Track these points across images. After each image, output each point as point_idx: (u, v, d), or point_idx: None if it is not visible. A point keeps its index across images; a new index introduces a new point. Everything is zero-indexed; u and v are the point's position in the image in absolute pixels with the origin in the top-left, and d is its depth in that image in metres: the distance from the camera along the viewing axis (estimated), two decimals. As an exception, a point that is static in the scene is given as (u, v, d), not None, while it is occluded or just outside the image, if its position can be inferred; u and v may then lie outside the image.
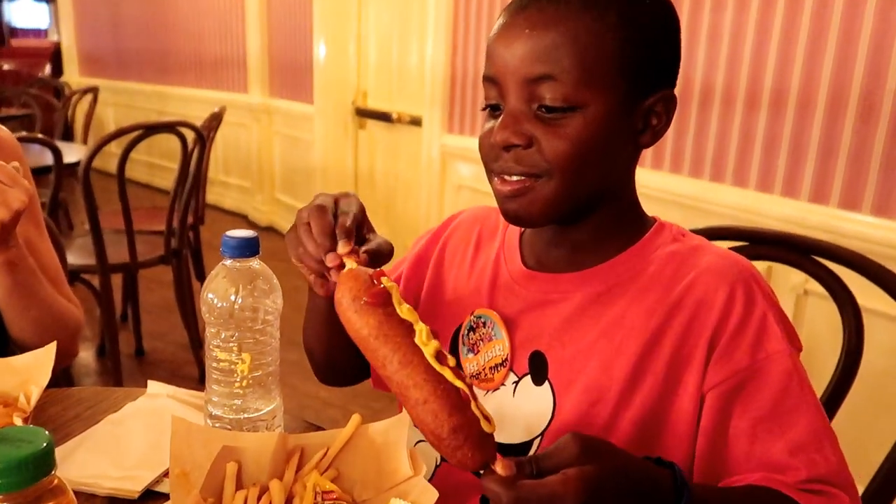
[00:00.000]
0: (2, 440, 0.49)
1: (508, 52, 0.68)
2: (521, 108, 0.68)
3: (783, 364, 0.68)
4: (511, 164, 0.69)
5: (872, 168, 1.69)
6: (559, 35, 0.66)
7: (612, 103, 0.68)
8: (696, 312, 0.69)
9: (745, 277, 0.70)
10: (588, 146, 0.68)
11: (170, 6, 5.44)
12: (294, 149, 4.42)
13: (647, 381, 0.70)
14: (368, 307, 0.58)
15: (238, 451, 0.64)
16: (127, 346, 2.78)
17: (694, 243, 0.75)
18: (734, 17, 1.95)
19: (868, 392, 1.19)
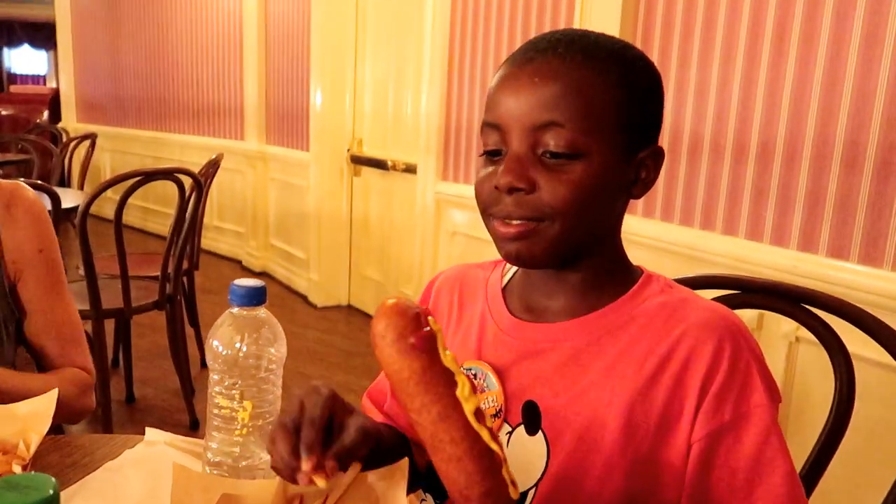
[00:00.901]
0: (9, 487, 0.50)
1: (514, 99, 0.71)
2: (525, 154, 0.71)
3: (764, 418, 0.70)
4: (512, 208, 0.71)
5: (858, 217, 1.73)
6: (565, 86, 0.70)
7: (611, 153, 0.72)
8: (686, 365, 0.70)
9: (732, 332, 0.72)
10: (589, 193, 0.70)
11: (168, 54, 5.55)
12: (289, 195, 4.46)
13: (639, 432, 0.71)
14: (413, 350, 0.56)
15: (238, 498, 0.64)
16: (118, 392, 2.76)
17: (682, 295, 0.77)
18: (720, 72, 2.02)
19: (861, 441, 1.20)
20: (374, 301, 3.91)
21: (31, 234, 1.11)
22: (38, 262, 1.11)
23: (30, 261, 1.10)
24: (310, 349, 3.42)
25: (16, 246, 1.10)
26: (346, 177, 4.08)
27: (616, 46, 0.74)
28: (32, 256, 1.11)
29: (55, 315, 1.12)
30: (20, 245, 1.10)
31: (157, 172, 2.55)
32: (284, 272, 4.51)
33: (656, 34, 2.19)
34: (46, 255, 1.13)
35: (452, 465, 0.55)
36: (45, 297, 1.12)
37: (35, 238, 1.12)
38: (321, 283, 4.10)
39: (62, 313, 1.14)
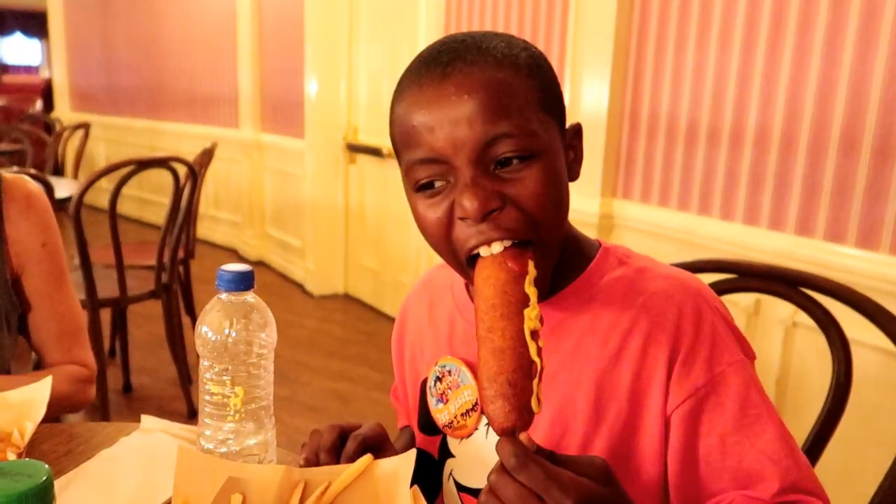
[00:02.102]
0: (2, 474, 0.49)
1: (451, 122, 0.65)
2: (481, 174, 0.66)
3: (740, 375, 0.69)
4: (493, 231, 0.66)
5: (855, 201, 1.72)
6: (496, 92, 0.65)
7: (555, 145, 0.69)
8: (649, 336, 0.70)
9: (692, 295, 0.71)
10: (555, 187, 0.68)
11: (162, 42, 5.50)
12: (285, 184, 4.44)
13: (611, 408, 0.71)
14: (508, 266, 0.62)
15: (243, 482, 0.64)
16: (115, 381, 2.75)
17: (640, 265, 0.76)
18: (717, 57, 2.00)
19: (857, 424, 1.20)
20: (370, 290, 3.91)
21: (34, 229, 1.11)
22: (42, 257, 1.11)
23: (33, 255, 1.10)
24: (306, 338, 3.42)
25: (20, 240, 1.10)
26: (341, 165, 4.06)
27: (506, 39, 0.70)
28: (36, 250, 1.11)
29: (57, 309, 1.12)
30: (24, 239, 1.10)
31: (152, 161, 2.53)
32: (281, 261, 4.50)
33: (653, 19, 2.18)
34: (50, 249, 1.13)
35: (493, 351, 0.59)
36: (47, 291, 1.12)
37: (39, 232, 1.12)
38: (317, 272, 4.10)
39: (64, 307, 1.14)
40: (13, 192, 1.11)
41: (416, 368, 0.87)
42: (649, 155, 2.23)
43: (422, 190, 0.69)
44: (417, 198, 0.70)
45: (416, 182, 0.69)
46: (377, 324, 3.69)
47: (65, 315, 1.14)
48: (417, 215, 0.71)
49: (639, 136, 2.26)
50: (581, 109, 2.37)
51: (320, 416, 2.66)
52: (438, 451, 0.81)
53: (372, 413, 2.71)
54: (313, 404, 2.76)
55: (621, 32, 2.24)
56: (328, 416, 2.68)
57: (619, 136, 2.31)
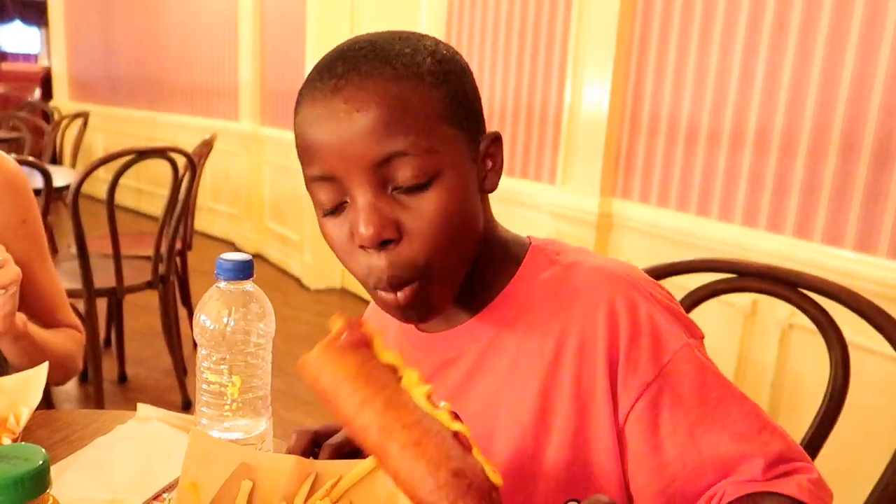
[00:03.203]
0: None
1: (339, 140, 0.61)
2: (376, 197, 0.62)
3: (690, 360, 0.64)
4: (391, 272, 0.64)
5: (854, 204, 1.72)
6: (391, 107, 0.61)
7: (459, 160, 0.65)
8: (583, 338, 0.65)
9: (622, 286, 0.66)
10: (457, 213, 0.64)
11: (163, 34, 5.49)
12: (284, 177, 4.43)
13: (557, 420, 0.66)
14: (348, 347, 0.51)
15: (254, 469, 0.63)
16: (110, 371, 2.75)
17: (569, 261, 0.71)
18: (719, 59, 2.00)
19: (853, 427, 1.20)
20: (367, 284, 3.90)
21: (13, 205, 1.10)
22: (23, 234, 1.10)
23: (14, 231, 1.09)
24: (303, 332, 3.41)
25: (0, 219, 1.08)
26: (340, 159, 4.05)
27: (412, 44, 0.65)
28: (16, 227, 1.09)
29: (42, 282, 1.11)
30: (4, 216, 1.08)
31: (150, 151, 2.52)
32: (278, 254, 4.50)
33: (655, 20, 2.17)
34: (29, 225, 1.11)
35: (409, 454, 0.47)
36: (30, 267, 1.10)
37: (18, 209, 1.10)
38: (315, 266, 4.09)
39: (48, 280, 1.14)
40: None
41: None
42: (649, 155, 2.23)
43: (324, 209, 0.66)
44: (322, 219, 0.68)
45: (317, 204, 0.66)
46: (373, 319, 3.68)
47: (48, 288, 1.13)
48: (325, 235, 0.68)
49: (639, 135, 2.26)
50: (581, 109, 2.36)
51: (315, 410, 2.66)
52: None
53: (367, 408, 2.71)
54: (309, 398, 2.76)
55: (624, 32, 2.24)
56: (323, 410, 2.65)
57: (619, 136, 2.31)
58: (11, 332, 0.96)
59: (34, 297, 1.12)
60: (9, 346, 0.99)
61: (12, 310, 0.94)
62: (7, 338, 0.97)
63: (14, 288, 0.92)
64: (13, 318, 0.95)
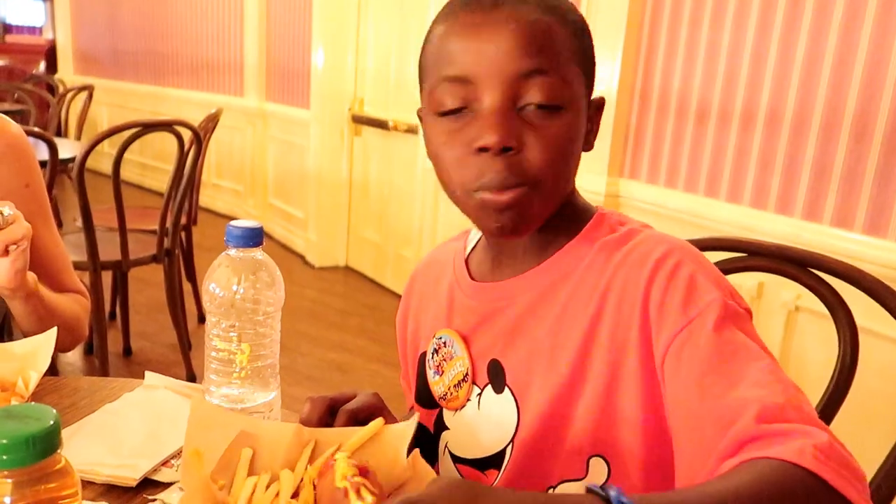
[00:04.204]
0: (9, 416, 0.49)
1: (488, 47, 0.64)
2: (506, 106, 0.65)
3: (718, 312, 0.62)
4: (507, 173, 0.65)
5: (865, 187, 1.71)
6: (542, 31, 0.65)
7: (580, 105, 0.68)
8: (624, 292, 0.67)
9: (671, 250, 0.67)
10: (569, 150, 0.68)
11: (168, 7, 5.44)
12: (288, 154, 4.42)
13: (593, 370, 0.68)
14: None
15: (255, 437, 0.64)
16: (115, 344, 2.76)
17: (629, 229, 0.72)
18: (732, 37, 1.98)
19: (857, 412, 1.20)
20: (371, 262, 3.91)
21: (16, 170, 1.09)
22: (27, 197, 1.09)
23: (18, 196, 1.08)
24: (307, 308, 3.42)
25: (2, 181, 1.08)
26: (346, 136, 4.03)
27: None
28: (20, 191, 1.09)
29: (46, 246, 1.11)
30: (7, 181, 1.08)
31: (156, 124, 2.51)
32: (283, 231, 4.49)
33: (668, -4, 2.15)
34: (33, 189, 1.11)
35: None
36: (35, 231, 1.10)
37: (21, 173, 1.10)
38: (319, 244, 4.09)
39: (52, 244, 1.13)
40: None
41: (416, 343, 0.86)
42: (658, 135, 2.22)
43: (442, 115, 0.68)
44: (436, 122, 0.68)
45: (438, 105, 0.67)
46: (378, 296, 3.69)
47: (53, 252, 1.13)
48: (433, 142, 0.69)
49: (648, 115, 2.24)
50: (591, 86, 2.34)
51: (319, 385, 2.67)
52: (434, 425, 0.81)
53: (370, 384, 2.73)
54: (312, 374, 2.77)
55: (635, 8, 2.21)
56: (327, 385, 2.69)
57: (629, 115, 2.29)
58: (23, 290, 0.95)
59: (39, 261, 1.11)
60: (20, 305, 0.99)
61: (24, 266, 0.93)
62: (19, 295, 0.96)
63: (25, 243, 0.91)
64: (24, 275, 0.94)
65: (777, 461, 0.49)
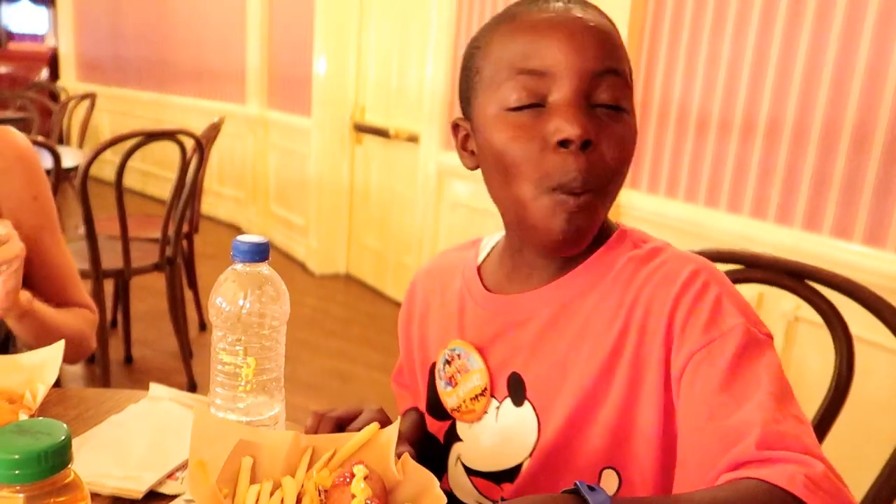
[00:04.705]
0: (21, 432, 0.50)
1: (570, 43, 0.65)
2: (581, 102, 0.65)
3: (739, 338, 0.63)
4: (589, 171, 0.64)
5: (864, 198, 1.72)
6: (612, 36, 0.68)
7: (634, 110, 0.70)
8: (650, 310, 0.67)
9: (698, 271, 0.67)
10: (632, 151, 0.69)
11: (170, 15, 5.47)
12: (290, 161, 4.43)
13: (615, 385, 0.69)
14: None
15: (254, 446, 0.65)
16: (116, 352, 2.77)
17: (653, 246, 0.73)
18: (732, 48, 1.99)
19: (855, 421, 1.21)
20: (372, 270, 3.92)
21: (24, 182, 1.10)
22: (34, 210, 1.10)
23: (26, 208, 1.09)
24: (307, 316, 3.43)
25: (11, 194, 1.08)
26: (347, 144, 4.05)
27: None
28: (28, 204, 1.10)
29: (54, 260, 1.12)
30: (16, 193, 1.09)
31: (159, 133, 2.53)
32: (283, 239, 4.51)
33: (668, 6, 2.16)
34: (41, 202, 1.12)
35: None
36: (42, 243, 1.11)
37: (29, 185, 1.11)
38: (320, 251, 4.10)
39: (60, 257, 1.14)
40: (1, 147, 1.09)
41: (424, 351, 0.86)
42: (658, 145, 2.23)
43: (512, 111, 0.67)
44: (502, 119, 0.67)
45: (507, 101, 0.67)
46: (378, 304, 3.70)
47: (61, 265, 1.14)
48: (497, 140, 0.68)
49: (648, 125, 2.25)
50: (591, 97, 2.36)
51: (319, 394, 2.68)
52: (445, 436, 0.81)
53: (371, 392, 2.73)
54: (312, 382, 2.78)
55: (636, 19, 2.23)
56: (327, 394, 2.70)
57: (629, 125, 2.31)
58: (15, 310, 0.95)
59: (45, 275, 1.12)
60: (14, 324, 0.99)
61: (15, 286, 0.92)
62: (12, 315, 0.96)
63: (17, 263, 0.91)
64: (16, 295, 0.93)
65: (766, 483, 0.51)
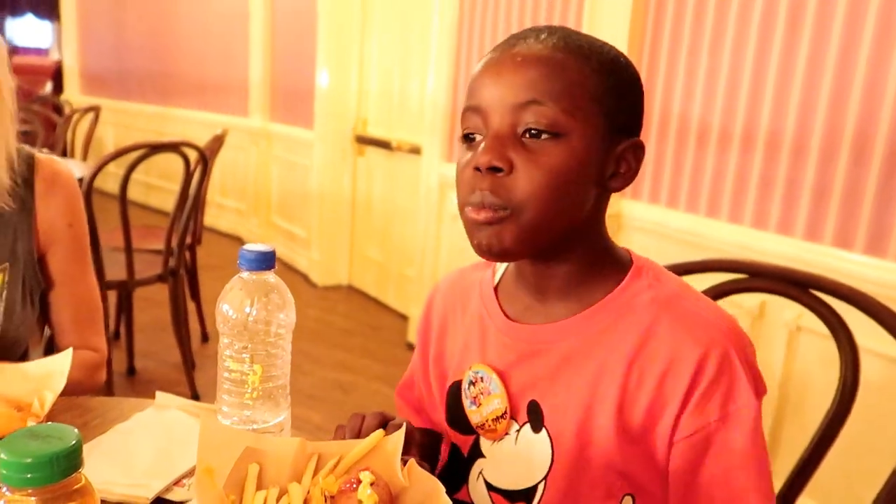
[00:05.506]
0: (32, 436, 0.51)
1: (496, 80, 0.71)
2: (504, 133, 0.70)
3: (750, 419, 0.71)
4: (488, 194, 0.69)
5: (865, 207, 1.73)
6: (547, 67, 0.70)
7: (592, 138, 0.70)
8: (670, 369, 0.71)
9: (719, 341, 0.71)
10: (565, 177, 0.69)
11: (174, 28, 5.51)
12: (292, 173, 4.45)
13: (628, 426, 0.72)
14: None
15: (260, 453, 0.65)
16: (119, 364, 2.77)
17: (671, 289, 0.75)
18: (731, 60, 2.01)
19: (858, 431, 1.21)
20: (374, 281, 3.92)
21: (63, 209, 1.13)
22: (67, 237, 1.13)
23: (59, 234, 1.12)
24: (310, 328, 3.43)
25: (48, 218, 1.12)
26: (349, 156, 4.07)
27: (597, 42, 0.74)
28: (62, 230, 1.13)
29: (78, 291, 1.14)
30: (52, 217, 1.12)
31: (163, 145, 2.54)
32: (285, 251, 4.52)
33: (667, 20, 2.18)
34: (76, 230, 1.15)
35: None
36: (69, 272, 1.14)
37: (67, 212, 1.14)
38: (322, 263, 4.11)
39: (84, 290, 1.16)
40: (44, 171, 1.13)
41: (440, 366, 0.88)
42: (659, 156, 2.24)
43: (463, 141, 0.74)
44: (460, 151, 0.75)
45: (464, 130, 0.74)
46: (381, 316, 3.70)
47: (84, 298, 1.15)
48: (457, 166, 0.75)
49: (649, 136, 2.26)
50: (593, 108, 2.37)
51: (321, 405, 2.68)
52: (469, 450, 0.82)
53: (372, 403, 2.73)
54: (314, 393, 2.77)
55: (636, 32, 2.25)
56: (329, 405, 2.69)
57: (630, 136, 2.32)
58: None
59: (66, 306, 1.14)
60: None
61: None
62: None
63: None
64: None
65: None
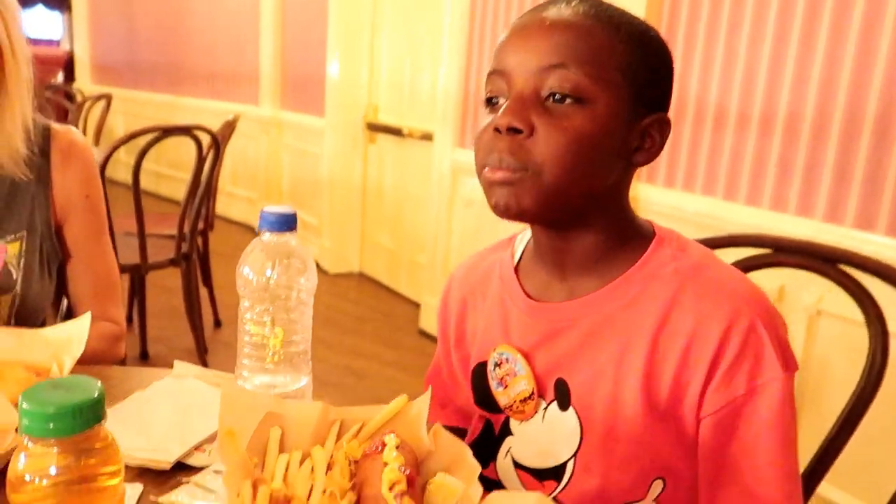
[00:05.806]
0: (55, 387, 0.50)
1: (523, 44, 0.70)
2: (528, 95, 0.69)
3: (779, 392, 0.69)
4: (506, 155, 0.69)
5: (888, 188, 1.70)
6: (575, 32, 0.69)
7: (616, 107, 0.69)
8: (693, 342, 0.70)
9: (744, 310, 0.70)
10: (586, 144, 0.68)
11: (184, 17, 5.50)
12: (303, 161, 4.44)
13: (655, 401, 0.71)
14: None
15: (282, 417, 0.64)
16: (132, 349, 2.77)
17: (695, 260, 0.74)
18: (749, 41, 1.98)
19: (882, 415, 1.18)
20: (385, 269, 3.92)
21: (80, 180, 1.13)
22: (84, 208, 1.13)
23: (76, 205, 1.12)
24: (321, 314, 3.38)
25: (65, 189, 1.11)
26: (361, 144, 4.05)
27: (628, 14, 0.73)
28: (79, 201, 1.12)
29: (95, 262, 1.13)
30: (69, 189, 1.11)
31: (175, 129, 2.54)
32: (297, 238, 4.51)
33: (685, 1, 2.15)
34: (92, 201, 1.14)
35: None
36: (86, 243, 1.13)
37: (84, 183, 1.13)
38: (333, 250, 4.10)
39: (101, 262, 1.15)
40: (61, 142, 1.12)
41: (462, 349, 0.88)
42: (675, 138, 2.21)
43: (486, 105, 0.73)
44: (482, 113, 0.74)
45: (488, 93, 0.73)
46: (392, 303, 3.69)
47: (101, 269, 1.15)
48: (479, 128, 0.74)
49: (666, 119, 2.24)
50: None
51: (335, 390, 2.67)
52: (500, 428, 0.82)
53: (385, 389, 2.72)
54: (328, 379, 2.77)
55: (652, 12, 2.22)
56: (342, 391, 2.69)
57: (646, 119, 2.29)
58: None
59: (84, 278, 1.13)
60: None
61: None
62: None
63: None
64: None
65: None
